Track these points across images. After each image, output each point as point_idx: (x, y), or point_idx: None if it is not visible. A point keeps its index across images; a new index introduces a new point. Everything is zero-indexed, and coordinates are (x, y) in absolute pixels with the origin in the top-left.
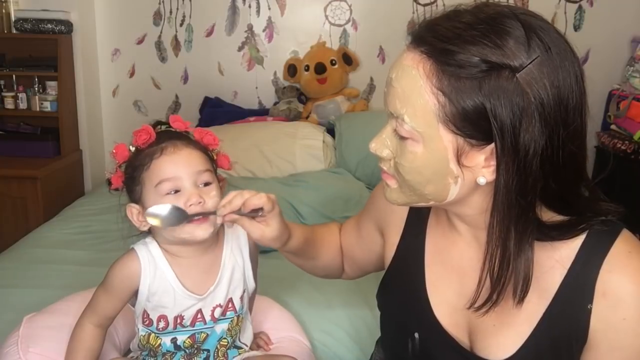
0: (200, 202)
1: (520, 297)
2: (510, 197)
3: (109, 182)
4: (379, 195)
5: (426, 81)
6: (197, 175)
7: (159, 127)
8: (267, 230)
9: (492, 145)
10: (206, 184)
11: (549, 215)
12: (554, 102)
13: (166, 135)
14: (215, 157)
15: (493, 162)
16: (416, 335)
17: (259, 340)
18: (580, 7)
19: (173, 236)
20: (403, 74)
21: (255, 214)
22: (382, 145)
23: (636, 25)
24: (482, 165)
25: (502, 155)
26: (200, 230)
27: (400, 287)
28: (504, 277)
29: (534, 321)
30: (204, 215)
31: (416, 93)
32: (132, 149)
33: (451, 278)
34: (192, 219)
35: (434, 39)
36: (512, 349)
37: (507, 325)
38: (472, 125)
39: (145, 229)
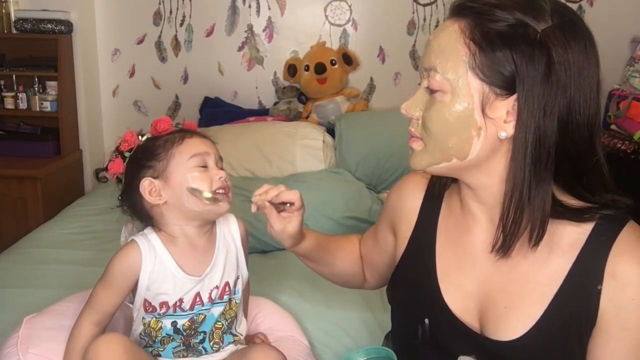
0: (225, 177)
1: (536, 240)
2: (527, 144)
3: (98, 173)
4: (392, 196)
5: (460, 34)
6: (218, 158)
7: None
8: (289, 225)
9: (514, 97)
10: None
11: (564, 198)
12: (574, 65)
13: (184, 130)
14: None
15: (514, 118)
16: (426, 321)
17: (256, 339)
18: (580, 7)
19: (196, 210)
20: (440, 33)
21: (282, 206)
22: (413, 106)
23: (636, 25)
24: (504, 120)
25: (522, 104)
26: (224, 203)
27: (411, 276)
28: (520, 218)
29: (545, 303)
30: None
31: (450, 45)
32: (143, 138)
33: (464, 265)
34: (216, 193)
35: (472, 4)
36: (522, 330)
37: (517, 307)
38: (498, 74)
39: (162, 202)
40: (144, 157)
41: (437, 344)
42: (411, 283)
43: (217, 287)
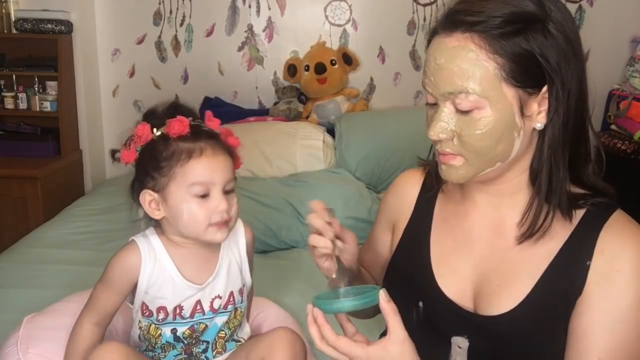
0: (226, 211)
1: (569, 214)
2: (560, 130)
3: (114, 153)
4: (388, 195)
5: (480, 51)
6: (226, 183)
7: (190, 119)
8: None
9: (544, 89)
10: (230, 192)
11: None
12: (575, 42)
13: (201, 133)
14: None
15: (544, 107)
16: (420, 304)
17: None
18: (580, 7)
19: (192, 236)
20: (454, 54)
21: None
22: (442, 128)
23: (636, 25)
24: (537, 112)
25: (555, 93)
26: (220, 234)
27: (406, 265)
28: (556, 199)
29: (535, 278)
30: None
31: (474, 65)
32: (157, 133)
33: (461, 249)
34: (214, 222)
35: (467, 17)
36: (512, 304)
37: (509, 284)
38: (529, 75)
39: (159, 217)
40: (149, 163)
41: (432, 325)
42: (406, 271)
43: (219, 296)
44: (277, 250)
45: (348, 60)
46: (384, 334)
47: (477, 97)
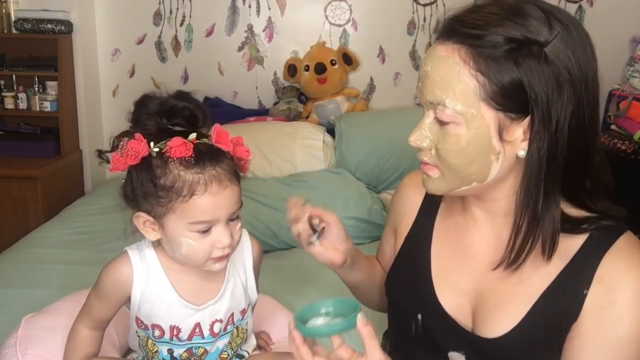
0: (229, 245)
1: (549, 254)
2: (542, 161)
3: (100, 154)
4: (395, 198)
5: (463, 66)
6: (231, 215)
7: (193, 137)
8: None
9: (530, 117)
10: (235, 219)
11: (564, 207)
12: (578, 71)
13: (207, 158)
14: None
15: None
16: (419, 316)
17: (260, 340)
18: (580, 7)
19: (190, 263)
20: (439, 64)
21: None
22: (422, 137)
23: (636, 25)
24: (521, 139)
25: (537, 124)
26: (219, 265)
27: (406, 273)
28: (533, 234)
29: (531, 302)
30: None
31: (455, 78)
32: (155, 149)
33: (460, 264)
34: (214, 257)
35: (463, 28)
36: (508, 327)
37: (506, 305)
38: (512, 100)
39: (154, 238)
40: (146, 186)
41: (430, 339)
42: (406, 280)
43: (220, 320)
44: (277, 250)
45: (348, 60)
46: (386, 332)
47: (454, 113)
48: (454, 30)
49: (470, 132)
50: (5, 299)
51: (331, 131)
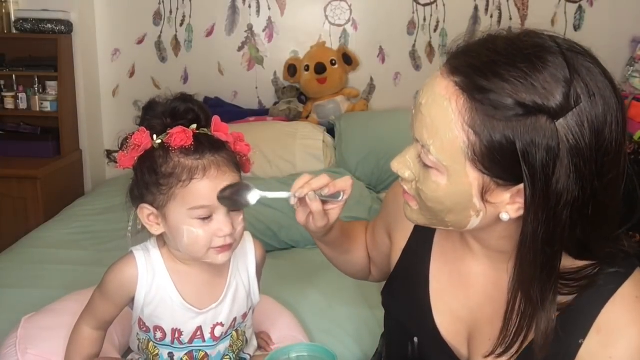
0: (231, 234)
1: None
2: (537, 246)
3: (109, 154)
4: (389, 199)
5: (458, 116)
6: None
7: (194, 127)
8: (331, 219)
9: (520, 185)
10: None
11: (564, 260)
12: (592, 151)
13: (206, 146)
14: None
15: (519, 200)
16: (415, 339)
17: (260, 340)
18: (580, 7)
19: (192, 256)
20: (434, 103)
21: (332, 198)
22: (404, 167)
23: (636, 25)
24: (507, 202)
25: (531, 203)
26: (222, 256)
27: (404, 292)
28: (525, 327)
29: (525, 342)
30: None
31: (446, 126)
32: (157, 141)
33: (457, 289)
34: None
35: (469, 70)
36: None
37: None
38: (501, 167)
39: (158, 232)
40: (148, 176)
41: None
42: (403, 298)
43: (221, 323)
44: (277, 250)
45: (348, 60)
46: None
47: (437, 161)
48: (460, 68)
49: (450, 185)
50: (5, 299)
51: (331, 131)
